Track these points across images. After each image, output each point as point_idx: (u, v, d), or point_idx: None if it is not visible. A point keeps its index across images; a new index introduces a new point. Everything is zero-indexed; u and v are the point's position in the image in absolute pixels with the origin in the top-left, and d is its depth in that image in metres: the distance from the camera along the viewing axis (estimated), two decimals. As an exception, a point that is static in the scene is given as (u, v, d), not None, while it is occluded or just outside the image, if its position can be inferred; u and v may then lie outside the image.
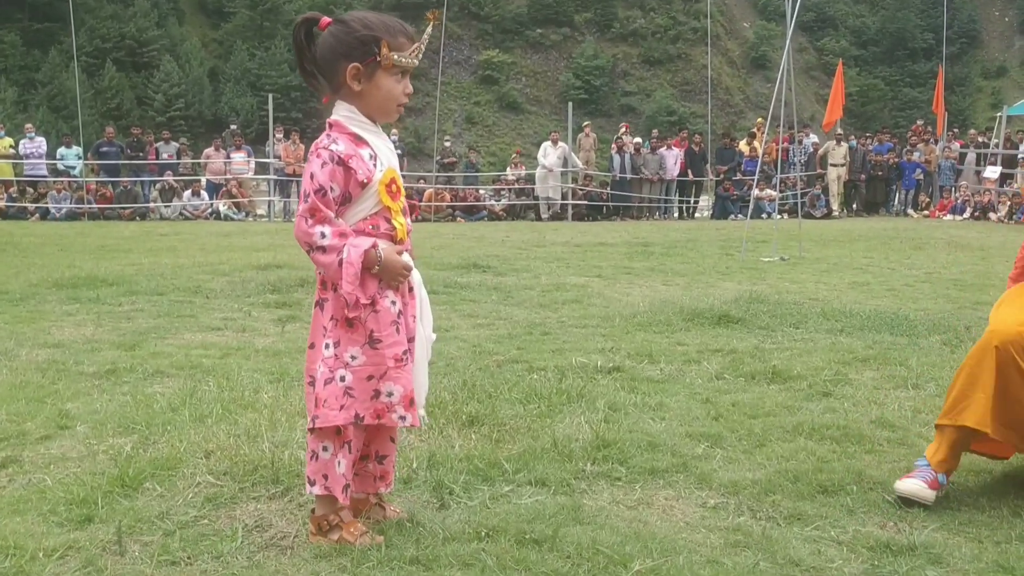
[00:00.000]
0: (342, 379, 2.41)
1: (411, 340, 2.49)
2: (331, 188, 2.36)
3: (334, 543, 2.44)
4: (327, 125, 2.46)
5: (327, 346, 2.43)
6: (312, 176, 2.37)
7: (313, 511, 2.54)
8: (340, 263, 2.33)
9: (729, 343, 5.38)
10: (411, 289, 2.51)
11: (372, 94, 2.42)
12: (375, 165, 2.41)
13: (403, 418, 2.44)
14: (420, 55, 2.44)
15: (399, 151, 22.04)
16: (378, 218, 2.43)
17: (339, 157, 2.36)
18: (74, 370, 4.56)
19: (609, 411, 3.80)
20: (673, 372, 4.62)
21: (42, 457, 3.20)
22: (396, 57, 2.38)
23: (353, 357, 2.41)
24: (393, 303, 2.43)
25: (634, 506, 2.80)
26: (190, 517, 2.65)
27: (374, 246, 2.36)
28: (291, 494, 2.80)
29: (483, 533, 2.51)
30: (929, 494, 2.79)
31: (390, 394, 2.42)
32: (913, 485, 2.80)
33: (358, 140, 2.42)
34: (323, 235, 2.34)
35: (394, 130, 23.67)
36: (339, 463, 2.45)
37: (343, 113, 2.44)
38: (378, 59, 2.37)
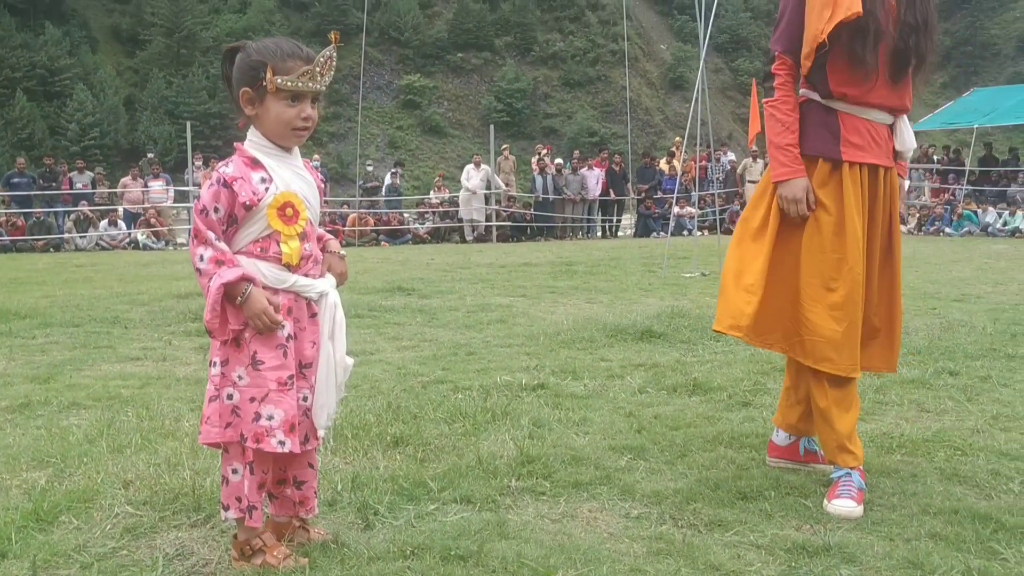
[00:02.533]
0: (229, 397, 2.40)
1: (307, 367, 2.48)
2: (214, 209, 2.36)
3: (257, 568, 2.42)
4: (234, 149, 2.47)
5: (214, 364, 2.43)
6: (199, 198, 2.39)
7: (235, 536, 2.51)
8: (208, 289, 2.34)
9: (652, 357, 5.46)
10: (313, 315, 2.50)
11: (264, 118, 2.42)
12: (266, 188, 2.41)
13: (282, 443, 2.39)
14: (318, 78, 2.42)
15: (323, 176, 21.96)
16: (269, 241, 2.43)
17: (224, 179, 2.37)
18: (-15, 405, 4.43)
19: (533, 427, 3.83)
20: (597, 387, 4.68)
21: (-48, 494, 3.10)
22: (280, 81, 2.38)
23: (240, 377, 2.40)
24: (281, 327, 2.43)
25: (559, 519, 2.83)
26: (108, 548, 2.60)
27: (242, 278, 2.35)
28: (213, 521, 2.77)
29: (408, 552, 2.51)
30: (859, 511, 2.87)
31: (270, 418, 2.39)
32: (843, 508, 2.88)
33: (254, 163, 2.42)
34: (201, 258, 2.35)
35: (316, 155, 23.55)
36: (245, 484, 2.43)
37: (249, 137, 2.47)
38: (264, 83, 2.39)
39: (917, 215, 21.30)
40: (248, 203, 2.37)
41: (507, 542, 2.59)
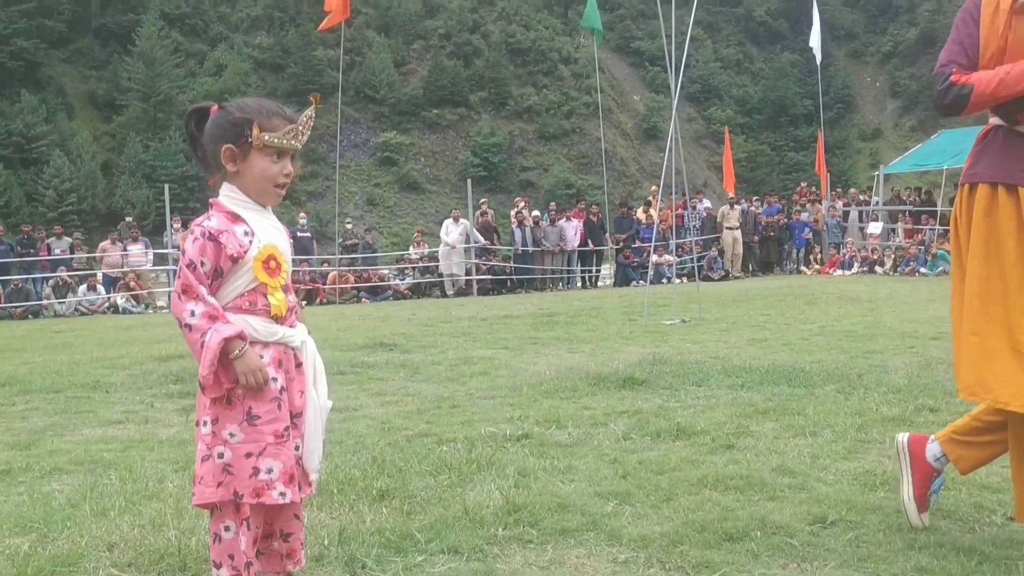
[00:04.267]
0: (220, 456, 2.41)
1: (298, 416, 2.51)
2: (201, 263, 2.38)
3: (246, 625, 2.41)
4: (209, 205, 2.50)
5: (204, 423, 2.44)
6: (184, 252, 2.42)
7: (223, 595, 2.50)
8: (202, 345, 2.34)
9: (634, 404, 5.49)
10: (299, 365, 2.53)
11: (247, 174, 2.47)
12: (250, 241, 2.44)
13: (283, 494, 2.41)
14: (300, 136, 2.49)
15: (308, 234, 21.93)
16: (255, 294, 2.46)
17: (210, 232, 2.40)
18: (-34, 473, 4.38)
19: (519, 476, 3.83)
20: (581, 435, 4.69)
21: (-66, 563, 3.07)
22: (267, 137, 2.44)
23: (232, 435, 2.41)
24: (275, 379, 2.45)
25: (546, 566, 2.83)
26: (94, 612, 2.58)
27: (239, 336, 2.37)
28: (199, 581, 2.75)
29: (397, 604, 2.50)
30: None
31: (269, 471, 2.40)
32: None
33: (235, 218, 2.46)
34: (192, 313, 2.35)
35: (302, 213, 23.58)
36: (241, 541, 2.43)
37: (225, 193, 2.50)
38: (250, 140, 2.43)
39: (892, 256, 21.53)
40: (235, 255, 2.40)
41: (496, 591, 2.59)
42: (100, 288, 19.71)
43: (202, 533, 3.10)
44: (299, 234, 21.21)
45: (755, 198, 26.00)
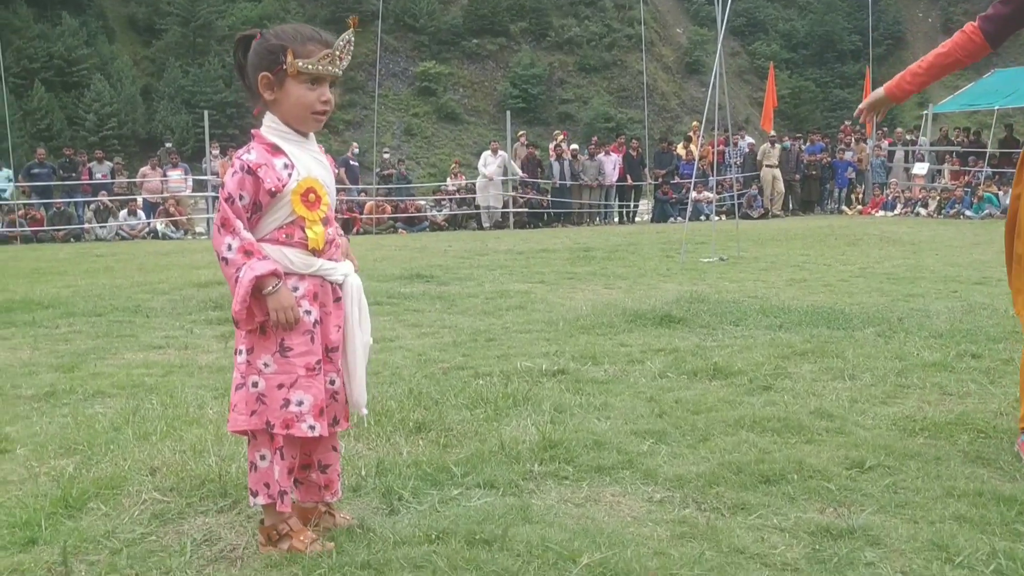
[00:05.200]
0: (255, 385, 2.42)
1: (334, 350, 2.50)
2: (240, 196, 2.37)
3: (284, 552, 2.45)
4: (251, 136, 2.48)
5: (240, 352, 2.45)
6: (224, 185, 2.40)
7: (262, 522, 2.53)
8: (236, 280, 2.34)
9: (671, 342, 5.46)
10: (337, 299, 2.52)
11: (284, 102, 2.43)
12: (289, 174, 2.42)
13: (312, 427, 2.42)
14: (337, 61, 2.43)
15: (357, 164, 21.87)
16: (293, 227, 2.44)
17: (248, 166, 2.38)
18: (11, 394, 4.48)
19: (555, 412, 3.84)
20: (617, 373, 4.68)
21: (-18, 482, 3.15)
22: (301, 64, 2.39)
23: (266, 364, 2.42)
24: (308, 312, 2.44)
25: (582, 503, 2.84)
26: (137, 534, 2.63)
27: (273, 273, 2.36)
28: (239, 507, 2.79)
29: (433, 536, 2.53)
30: None
31: (300, 403, 2.41)
32: None
33: (275, 150, 2.43)
34: (229, 247, 2.35)
35: (355, 143, 23.48)
36: (275, 470, 2.45)
37: (266, 124, 2.47)
38: (285, 67, 2.39)
39: (937, 198, 21.13)
40: (273, 189, 2.38)
41: (531, 526, 2.60)
42: (140, 213, 19.90)
43: (241, 460, 3.15)
44: (351, 163, 21.20)
45: (798, 135, 25.56)
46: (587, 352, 5.17)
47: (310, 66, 2.39)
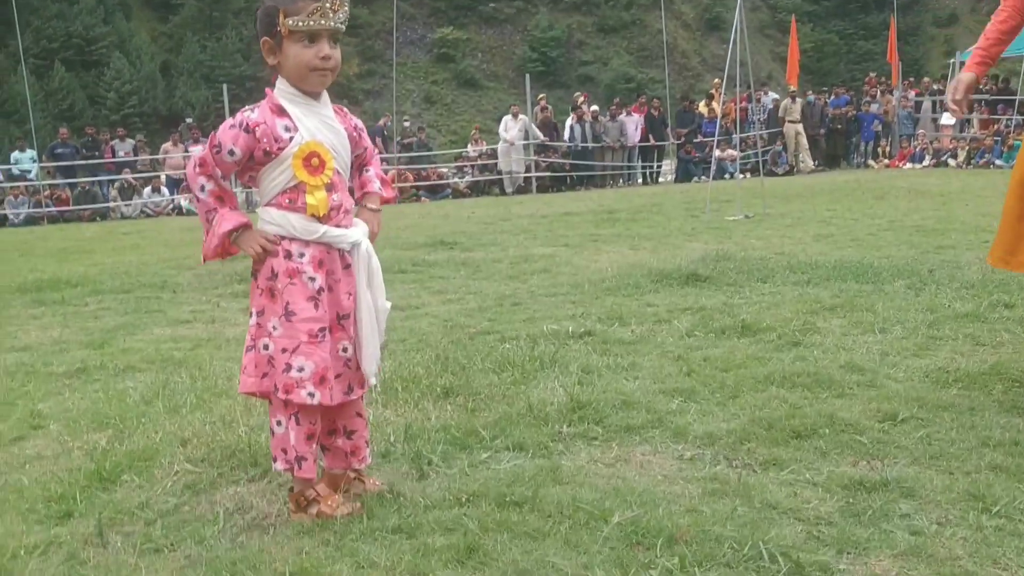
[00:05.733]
0: (264, 347, 2.43)
1: (345, 317, 2.48)
2: (230, 151, 2.37)
3: (314, 518, 2.45)
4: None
5: (252, 314, 2.46)
6: (216, 131, 2.41)
7: (291, 489, 2.55)
8: (208, 221, 2.44)
9: (698, 301, 5.42)
10: (347, 266, 2.49)
11: (285, 64, 2.42)
12: (291, 138, 2.39)
13: (311, 395, 2.40)
14: (329, 14, 2.37)
15: (384, 134, 21.82)
16: (296, 192, 2.42)
17: (247, 123, 2.37)
18: (43, 371, 4.52)
19: (582, 374, 3.83)
20: (644, 333, 4.65)
21: (16, 458, 3.18)
22: (291, 22, 2.36)
23: (274, 327, 2.42)
24: (312, 279, 2.42)
25: (612, 463, 2.83)
26: (170, 505, 2.65)
27: (243, 226, 2.45)
28: (270, 476, 2.80)
29: (464, 499, 2.53)
30: None
31: (300, 369, 2.40)
32: None
33: (280, 112, 2.42)
34: (203, 188, 2.43)
35: (386, 114, 23.37)
36: (291, 435, 2.45)
37: (277, 86, 2.46)
38: (279, 29, 2.38)
39: (966, 148, 20.81)
40: (268, 150, 2.37)
41: (561, 487, 2.60)
42: (164, 190, 19.99)
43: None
44: (384, 133, 21.20)
45: (823, 90, 25.21)
46: (613, 313, 5.15)
47: (300, 23, 2.36)
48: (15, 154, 20.58)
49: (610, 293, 5.89)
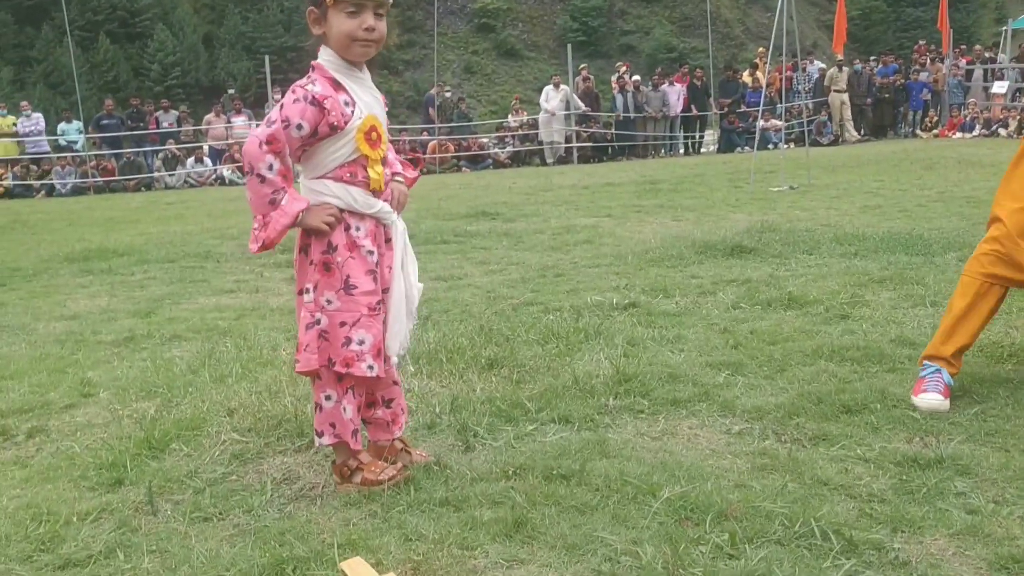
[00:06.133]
0: (317, 322, 2.41)
1: (385, 291, 2.48)
2: (298, 125, 2.31)
3: (359, 487, 2.46)
4: (310, 67, 2.43)
5: (307, 290, 2.44)
6: (282, 107, 2.34)
7: (333, 462, 2.55)
8: (273, 203, 2.32)
9: (743, 273, 5.36)
10: (388, 240, 2.48)
11: (330, 35, 2.40)
12: (352, 111, 2.37)
13: (371, 367, 2.40)
14: None
15: (436, 103, 21.77)
16: (355, 166, 2.40)
17: (314, 97, 2.33)
18: (92, 340, 4.58)
19: (628, 346, 3.80)
20: (689, 305, 4.61)
21: (68, 425, 3.22)
22: None
23: (329, 301, 2.40)
24: (371, 252, 2.41)
25: (659, 437, 2.80)
26: (218, 474, 2.67)
27: (306, 209, 2.36)
28: (316, 447, 2.81)
29: (510, 472, 2.52)
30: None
31: (361, 342, 2.39)
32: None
33: (336, 85, 2.39)
34: (271, 167, 2.31)
35: (439, 83, 23.32)
36: (345, 409, 2.45)
37: (324, 57, 2.43)
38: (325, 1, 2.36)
39: (1018, 117, 20.33)
40: (335, 123, 2.34)
41: (608, 460, 2.58)
42: (207, 160, 20.14)
43: (317, 400, 3.17)
44: (436, 102, 21.19)
45: (871, 58, 24.72)
46: (658, 285, 5.10)
47: None
48: (62, 125, 20.83)
49: (654, 264, 5.84)
